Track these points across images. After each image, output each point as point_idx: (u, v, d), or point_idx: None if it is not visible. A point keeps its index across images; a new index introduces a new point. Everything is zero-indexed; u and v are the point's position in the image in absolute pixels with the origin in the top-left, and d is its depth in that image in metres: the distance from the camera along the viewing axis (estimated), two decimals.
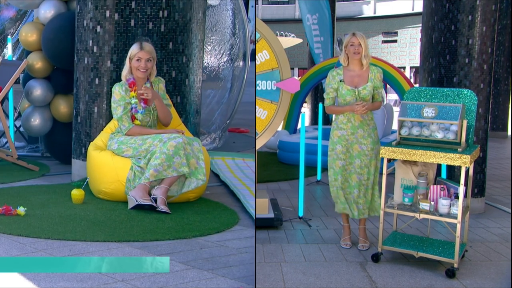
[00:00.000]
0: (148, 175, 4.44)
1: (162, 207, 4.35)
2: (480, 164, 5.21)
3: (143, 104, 4.78)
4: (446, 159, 3.59)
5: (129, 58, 4.78)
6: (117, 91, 4.78)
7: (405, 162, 3.90)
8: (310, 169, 6.65)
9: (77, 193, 4.60)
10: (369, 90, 4.07)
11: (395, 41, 33.67)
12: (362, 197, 4.12)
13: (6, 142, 6.99)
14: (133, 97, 4.76)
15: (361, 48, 4.03)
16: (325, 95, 4.18)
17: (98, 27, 5.19)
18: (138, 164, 4.56)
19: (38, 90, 6.16)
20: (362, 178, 4.09)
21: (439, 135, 3.75)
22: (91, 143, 5.04)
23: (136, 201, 4.35)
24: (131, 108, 4.77)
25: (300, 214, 4.84)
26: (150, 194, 4.45)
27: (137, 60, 4.74)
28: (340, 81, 4.10)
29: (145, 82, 4.83)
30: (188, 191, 4.66)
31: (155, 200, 4.40)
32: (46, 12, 6.15)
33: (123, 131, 4.79)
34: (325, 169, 6.92)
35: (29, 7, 6.69)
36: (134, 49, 4.76)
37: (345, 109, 4.08)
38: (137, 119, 4.79)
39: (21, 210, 4.17)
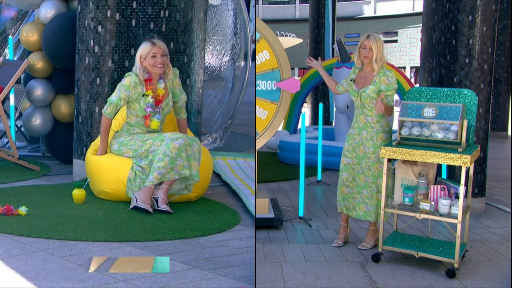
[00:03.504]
0: (152, 178, 4.42)
1: (163, 206, 4.36)
2: (480, 164, 5.22)
3: (158, 109, 4.72)
4: (446, 159, 3.60)
5: (141, 57, 4.60)
6: (128, 79, 4.62)
7: (405, 162, 3.91)
8: (311, 169, 6.65)
9: (78, 193, 4.61)
10: (368, 93, 4.00)
11: (396, 41, 33.65)
12: (371, 198, 4.07)
13: (7, 142, 7.00)
14: (149, 95, 4.66)
15: (371, 52, 3.98)
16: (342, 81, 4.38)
17: (99, 27, 5.20)
18: (139, 164, 4.57)
19: (39, 90, 6.17)
20: (369, 180, 4.07)
21: (440, 135, 3.75)
22: (92, 143, 5.05)
23: (136, 203, 4.37)
24: (146, 106, 4.70)
25: (301, 214, 4.85)
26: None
27: (152, 56, 4.58)
28: (351, 80, 4.15)
29: (158, 79, 4.71)
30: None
31: (156, 200, 4.41)
32: (47, 12, 6.16)
33: (103, 112, 4.70)
34: (325, 169, 6.97)
35: (30, 7, 6.70)
36: (146, 47, 4.60)
37: (327, 81, 4.48)
38: (152, 124, 4.73)
39: (23, 210, 4.18)
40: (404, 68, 32.53)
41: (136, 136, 4.71)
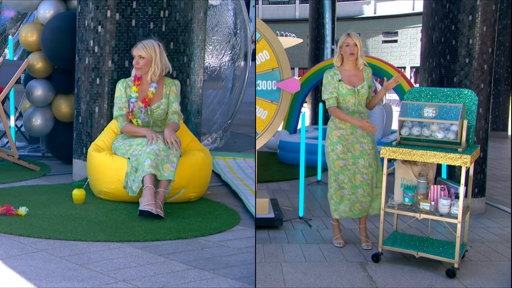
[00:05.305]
0: (146, 179, 4.40)
1: (156, 210, 4.32)
2: (480, 164, 5.22)
3: (143, 109, 4.76)
4: (446, 159, 3.60)
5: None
6: (118, 87, 4.83)
7: (405, 162, 3.91)
8: (311, 169, 6.66)
9: (78, 193, 4.61)
10: (366, 89, 4.13)
11: (396, 41, 33.68)
12: (367, 196, 4.12)
13: (7, 142, 7.00)
14: (134, 91, 4.78)
15: (356, 48, 4.09)
16: (326, 95, 4.12)
17: (99, 27, 5.20)
18: (132, 163, 4.57)
19: (39, 90, 6.18)
20: (367, 178, 4.10)
21: (440, 135, 3.75)
22: (92, 143, 5.05)
23: (139, 207, 4.33)
24: (130, 102, 4.77)
25: (301, 214, 4.85)
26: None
27: (133, 57, 4.79)
28: (339, 80, 4.12)
29: (149, 82, 4.79)
30: (188, 192, 4.71)
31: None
32: (45, 12, 6.16)
33: (119, 129, 4.85)
34: (325, 169, 6.95)
35: (27, 9, 6.69)
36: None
37: (352, 122, 4.05)
38: (137, 120, 4.78)
39: (23, 210, 4.18)
40: (404, 68, 32.55)
41: (126, 141, 4.75)
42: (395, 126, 7.83)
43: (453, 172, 5.16)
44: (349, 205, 4.15)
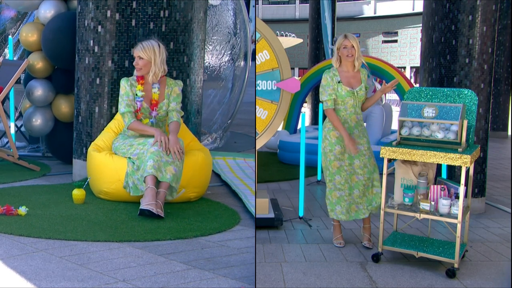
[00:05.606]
0: (148, 179, 4.39)
1: (156, 210, 4.32)
2: (480, 164, 5.22)
3: (154, 113, 4.78)
4: (446, 159, 3.60)
5: None
6: (123, 85, 4.81)
7: (405, 162, 3.91)
8: (311, 169, 6.65)
9: (78, 193, 4.61)
10: (363, 91, 4.16)
11: (396, 41, 33.69)
12: (363, 197, 4.13)
13: (7, 142, 7.00)
14: (139, 90, 4.78)
15: (354, 50, 4.08)
16: (325, 97, 4.10)
17: (99, 27, 5.20)
18: (133, 162, 4.57)
19: (39, 90, 6.18)
20: (363, 178, 4.11)
21: (440, 135, 3.75)
22: (92, 143, 5.05)
23: (141, 207, 4.32)
24: (137, 101, 4.77)
25: (301, 214, 4.85)
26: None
27: (134, 58, 4.80)
28: (338, 82, 4.11)
29: (152, 83, 4.80)
30: (188, 192, 4.71)
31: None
32: (46, 12, 6.16)
33: (125, 126, 4.83)
34: None
35: (28, 9, 6.70)
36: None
37: (343, 133, 4.04)
38: (144, 122, 4.79)
39: (23, 210, 4.18)
40: (404, 68, 32.57)
41: (127, 141, 4.75)
42: (395, 126, 7.83)
43: (453, 172, 5.16)
44: (345, 206, 4.15)
